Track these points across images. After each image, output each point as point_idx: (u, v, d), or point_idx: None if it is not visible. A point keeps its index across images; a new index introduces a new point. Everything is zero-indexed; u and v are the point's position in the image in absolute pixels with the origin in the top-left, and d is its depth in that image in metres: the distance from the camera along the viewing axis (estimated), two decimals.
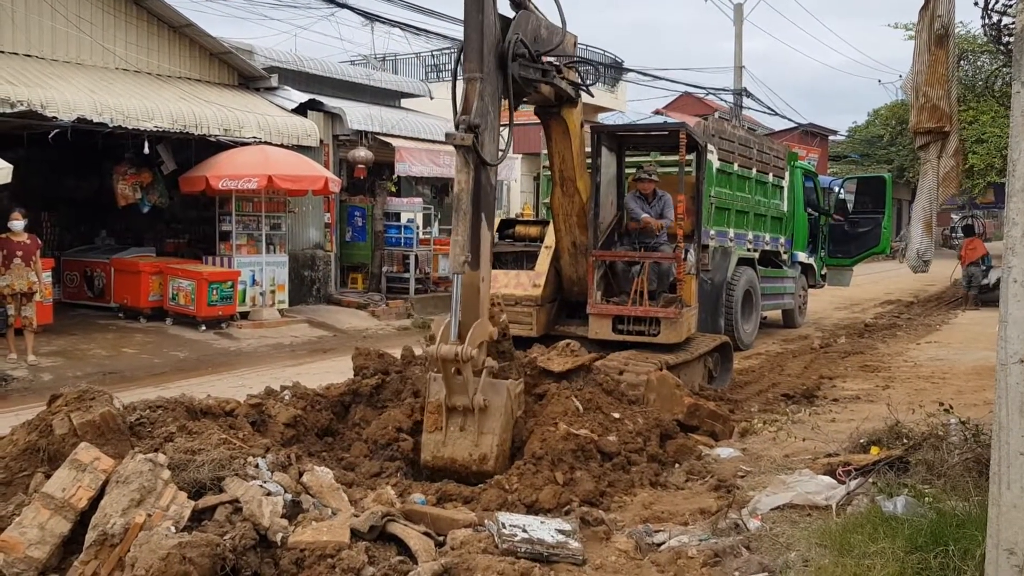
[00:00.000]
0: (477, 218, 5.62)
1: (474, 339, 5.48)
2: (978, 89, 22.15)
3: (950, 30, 5.76)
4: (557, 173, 8.04)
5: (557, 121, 7.69)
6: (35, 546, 3.86)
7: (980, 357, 11.14)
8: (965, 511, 4.25)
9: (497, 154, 5.95)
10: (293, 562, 3.96)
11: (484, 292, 5.73)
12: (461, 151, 5.60)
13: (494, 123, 5.89)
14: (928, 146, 5.86)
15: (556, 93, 7.29)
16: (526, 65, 6.35)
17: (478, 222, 5.63)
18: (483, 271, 5.71)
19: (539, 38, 6.59)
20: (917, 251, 6.07)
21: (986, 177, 29.65)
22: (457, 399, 5.62)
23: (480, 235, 5.65)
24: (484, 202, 5.73)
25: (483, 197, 5.71)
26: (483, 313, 5.71)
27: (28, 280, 10.78)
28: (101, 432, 4.71)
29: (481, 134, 5.59)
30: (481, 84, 5.70)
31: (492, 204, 5.99)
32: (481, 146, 5.61)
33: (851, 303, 19.39)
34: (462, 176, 5.63)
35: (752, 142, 13.12)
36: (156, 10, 14.61)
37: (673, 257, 8.37)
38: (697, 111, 35.47)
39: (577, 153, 7.91)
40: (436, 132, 17.92)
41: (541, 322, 8.56)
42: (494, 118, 5.89)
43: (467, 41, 5.80)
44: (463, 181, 5.62)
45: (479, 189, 5.66)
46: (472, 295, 5.65)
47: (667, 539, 4.68)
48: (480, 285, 5.68)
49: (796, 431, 7.18)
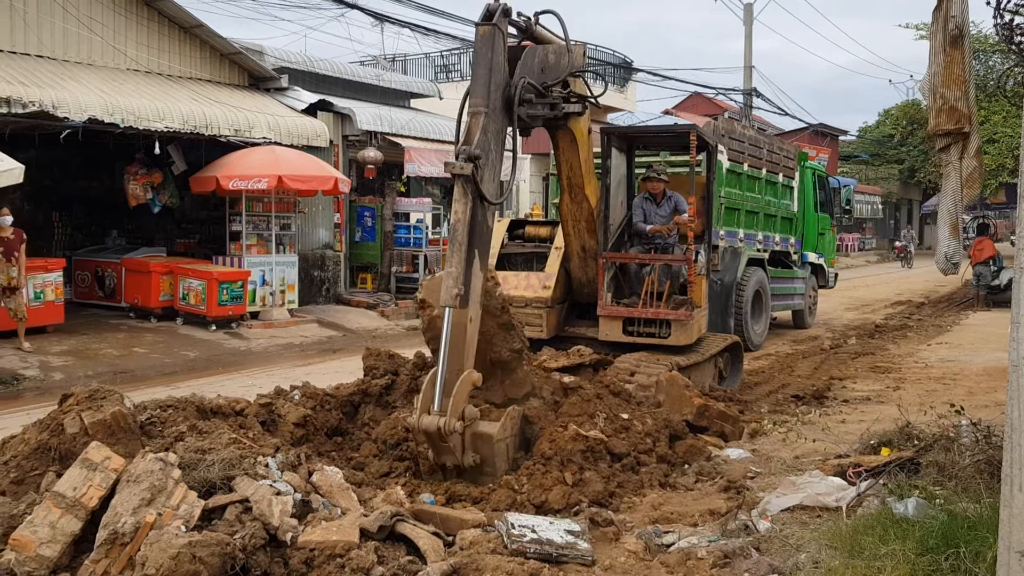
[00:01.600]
0: (471, 253, 5.50)
1: (457, 405, 5.28)
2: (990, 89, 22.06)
3: (964, 30, 5.72)
4: (565, 180, 8.02)
5: (564, 132, 7.66)
6: (46, 545, 3.87)
7: (991, 358, 11.08)
8: (976, 513, 4.23)
9: (497, 193, 5.88)
10: (303, 562, 3.97)
11: (471, 334, 5.55)
12: (460, 181, 5.52)
13: (495, 162, 5.82)
14: (949, 148, 5.83)
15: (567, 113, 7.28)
16: (533, 104, 6.33)
17: (472, 258, 5.50)
18: (471, 311, 5.53)
19: (547, 67, 6.54)
20: (945, 253, 6.04)
21: (998, 177, 29.57)
22: (447, 459, 5.50)
23: (471, 273, 5.50)
24: (479, 239, 5.59)
25: (478, 234, 5.58)
26: (469, 360, 5.52)
27: (8, 275, 10.97)
28: (112, 431, 4.73)
29: (481, 168, 5.51)
30: (485, 119, 5.67)
31: (487, 243, 5.83)
32: (480, 180, 5.52)
33: (861, 304, 19.33)
34: (459, 206, 5.54)
35: (762, 142, 13.08)
36: (167, 11, 14.66)
37: (684, 259, 8.35)
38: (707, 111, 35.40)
39: (585, 160, 7.87)
40: (445, 132, 17.94)
41: (551, 324, 8.55)
42: (496, 157, 5.82)
43: (475, 77, 5.79)
44: (460, 212, 5.53)
45: (475, 223, 5.55)
46: (459, 336, 5.46)
47: (676, 540, 4.67)
48: (468, 325, 5.49)
49: (806, 432, 7.15)
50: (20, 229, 11.37)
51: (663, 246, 8.87)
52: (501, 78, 5.87)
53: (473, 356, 5.60)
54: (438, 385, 5.32)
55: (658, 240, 8.93)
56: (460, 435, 5.34)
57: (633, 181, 9.67)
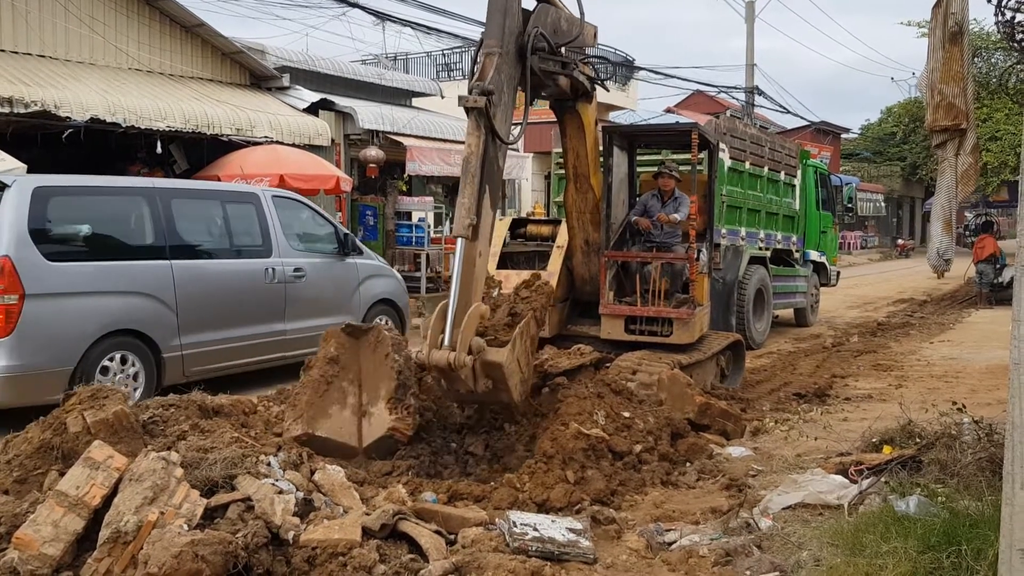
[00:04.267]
0: (483, 188, 5.58)
1: (465, 339, 5.38)
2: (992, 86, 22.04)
3: (964, 27, 5.74)
4: (571, 169, 8.05)
5: (572, 116, 7.71)
6: (49, 543, 3.88)
7: (994, 356, 11.07)
8: (978, 511, 4.24)
9: (509, 134, 5.93)
10: (305, 560, 3.98)
11: (480, 267, 5.68)
12: (473, 115, 5.59)
13: (508, 104, 5.88)
14: (945, 144, 5.85)
15: (572, 86, 7.31)
16: (545, 58, 6.37)
17: (483, 193, 5.59)
18: (481, 244, 5.66)
19: (559, 30, 6.60)
20: (938, 250, 6.06)
21: (1000, 175, 29.53)
22: (460, 388, 5.61)
23: (482, 208, 5.59)
24: (490, 177, 5.68)
25: (489, 171, 5.67)
26: (477, 293, 5.65)
27: None
28: (114, 430, 4.75)
29: (494, 105, 5.57)
30: (499, 59, 5.73)
31: (498, 181, 5.92)
32: (493, 116, 5.59)
33: (864, 302, 19.32)
34: (472, 139, 5.62)
35: (764, 140, 13.07)
36: (168, 10, 14.68)
37: (685, 257, 8.35)
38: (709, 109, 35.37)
39: (591, 149, 7.92)
40: (447, 131, 17.95)
41: (554, 322, 8.55)
42: (508, 99, 5.88)
43: (489, 19, 5.82)
44: (472, 145, 5.60)
45: (487, 159, 5.62)
46: (470, 272, 5.58)
47: (678, 538, 4.67)
48: (477, 259, 5.62)
49: (808, 430, 7.16)
50: None
51: (665, 244, 8.86)
52: (515, 24, 5.91)
53: (481, 291, 5.73)
54: (448, 319, 5.41)
55: (658, 238, 8.91)
56: (471, 367, 5.43)
57: (635, 180, 9.66)
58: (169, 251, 8.30)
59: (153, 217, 8.33)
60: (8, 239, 7.12)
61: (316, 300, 9.60)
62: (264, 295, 9.12)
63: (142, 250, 8.18)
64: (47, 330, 7.24)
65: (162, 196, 8.45)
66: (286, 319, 9.30)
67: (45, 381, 7.13)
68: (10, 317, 7.01)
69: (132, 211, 8.31)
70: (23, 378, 7.11)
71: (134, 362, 7.88)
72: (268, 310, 9.13)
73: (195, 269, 8.52)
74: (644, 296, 8.29)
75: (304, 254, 9.67)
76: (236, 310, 8.80)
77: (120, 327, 7.77)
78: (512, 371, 5.61)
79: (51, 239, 7.49)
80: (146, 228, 8.34)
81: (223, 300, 8.70)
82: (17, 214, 7.23)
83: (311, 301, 9.54)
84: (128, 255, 8.05)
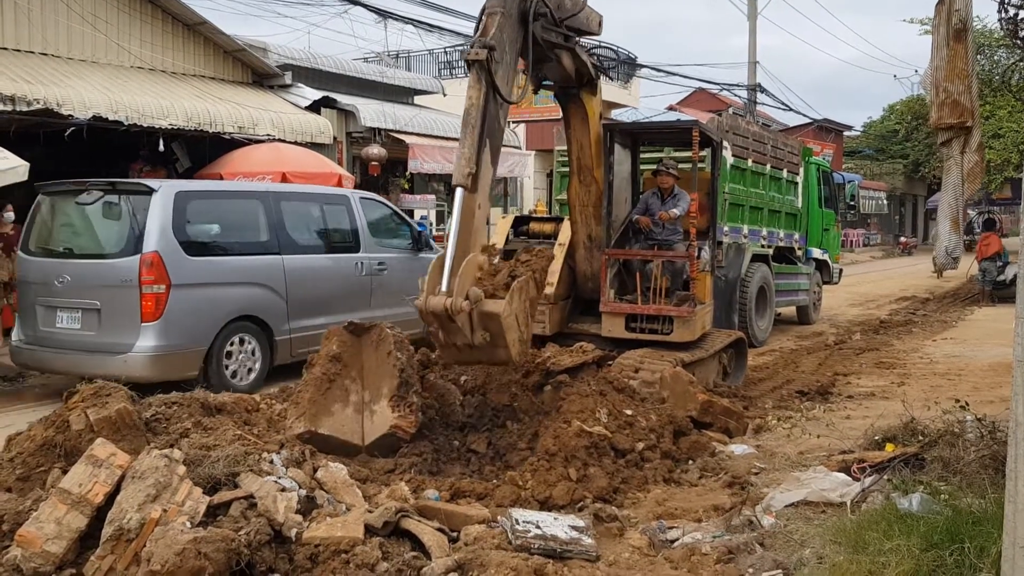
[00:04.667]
0: (483, 141, 5.64)
1: (464, 284, 5.40)
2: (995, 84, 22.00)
3: (968, 24, 5.72)
4: (575, 161, 8.06)
5: (576, 105, 7.74)
6: (52, 541, 3.89)
7: (997, 354, 11.06)
8: (981, 508, 4.23)
9: (511, 93, 5.98)
10: (307, 557, 3.98)
11: (479, 220, 5.74)
12: (475, 68, 5.68)
13: (509, 65, 5.96)
14: (951, 142, 5.82)
15: (577, 70, 7.34)
16: (548, 28, 6.41)
17: (483, 146, 5.65)
18: (480, 197, 5.72)
19: (562, 5, 6.70)
20: (945, 248, 6.04)
21: (1003, 172, 29.49)
22: (457, 339, 5.58)
23: (482, 161, 5.65)
24: (491, 132, 5.75)
25: (490, 127, 5.74)
26: (475, 244, 5.67)
27: (10, 270, 11.01)
28: (117, 428, 4.75)
29: (496, 62, 5.66)
30: (501, 19, 5.82)
31: (499, 138, 5.98)
32: (494, 73, 5.65)
33: (866, 299, 19.30)
34: (473, 92, 5.71)
35: (766, 138, 13.06)
36: (171, 8, 14.67)
37: (686, 255, 8.33)
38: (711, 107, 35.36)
39: (595, 142, 7.94)
40: (449, 129, 17.94)
41: (555, 320, 8.55)
42: (510, 60, 5.97)
43: None
44: (474, 97, 5.70)
45: (487, 114, 5.69)
46: (468, 222, 5.62)
47: (681, 536, 4.67)
48: (476, 211, 5.68)
49: (810, 428, 7.14)
50: (19, 225, 11.41)
51: (666, 243, 8.85)
52: None
53: (481, 241, 5.79)
54: (446, 267, 5.45)
55: (659, 236, 8.91)
56: (468, 315, 5.44)
57: (638, 178, 9.65)
58: (280, 247, 9.40)
59: (267, 217, 9.45)
60: (156, 237, 8.23)
61: (396, 290, 10.51)
62: (355, 285, 10.17)
63: (259, 246, 9.29)
64: (187, 315, 8.34)
65: (274, 199, 9.61)
66: (372, 307, 10.20)
67: (185, 359, 8.37)
68: (159, 304, 8.16)
69: (251, 212, 9.45)
70: (168, 356, 8.24)
71: (253, 344, 9.01)
72: (358, 299, 10.16)
73: (301, 263, 9.58)
74: (645, 294, 8.29)
75: (385, 250, 10.71)
76: (333, 299, 9.81)
77: (242, 313, 8.91)
78: (510, 324, 5.57)
79: (189, 237, 8.59)
80: (261, 227, 9.42)
81: (323, 290, 9.76)
82: (163, 215, 8.32)
83: (392, 291, 10.50)
84: (248, 251, 9.17)
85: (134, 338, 8.12)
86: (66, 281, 8.46)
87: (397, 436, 5.63)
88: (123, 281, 8.19)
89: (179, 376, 8.21)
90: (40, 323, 8.71)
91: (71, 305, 8.46)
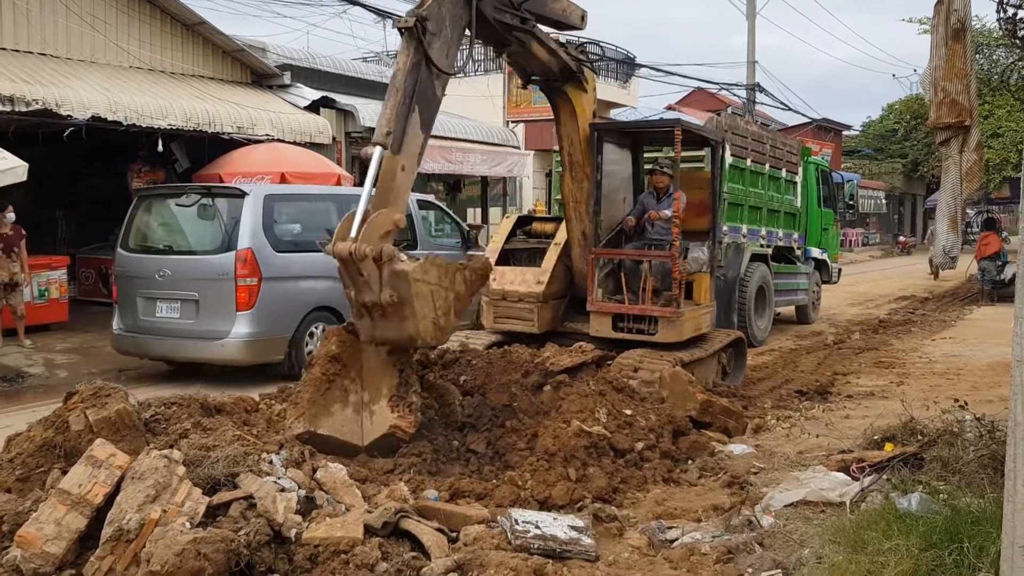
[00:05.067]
0: (410, 108, 5.71)
1: (371, 233, 5.38)
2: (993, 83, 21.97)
3: (967, 24, 5.71)
4: (566, 157, 8.10)
5: (564, 101, 7.77)
6: (52, 541, 3.89)
7: (996, 353, 11.07)
8: (980, 508, 4.23)
9: (446, 66, 6.02)
10: (307, 558, 3.98)
11: (400, 182, 5.75)
12: (405, 36, 5.76)
13: (451, 40, 6.01)
14: (949, 141, 5.81)
15: (559, 63, 7.35)
16: (501, 9, 6.44)
17: (410, 112, 5.71)
18: (404, 159, 5.75)
19: None
20: (943, 247, 6.03)
21: (1001, 172, 29.45)
22: (366, 296, 5.51)
23: (408, 128, 5.71)
24: (423, 100, 5.80)
25: (422, 95, 5.79)
26: (393, 204, 5.66)
27: (10, 271, 11.04)
28: (117, 428, 4.74)
29: (430, 33, 5.72)
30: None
31: (433, 108, 6.03)
32: (428, 45, 5.73)
33: (865, 299, 19.30)
34: (401, 58, 5.81)
35: (765, 137, 13.06)
36: (169, 8, 14.67)
37: (668, 255, 8.25)
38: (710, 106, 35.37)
39: (585, 138, 7.96)
40: (448, 129, 17.95)
41: (544, 319, 8.59)
42: (452, 35, 6.02)
43: None
44: (400, 63, 5.80)
45: (419, 82, 5.76)
46: (387, 182, 5.65)
47: (680, 536, 4.68)
48: (399, 173, 5.71)
49: (810, 427, 7.15)
50: (19, 225, 11.42)
51: (660, 242, 8.83)
52: None
53: (404, 203, 5.82)
54: (357, 216, 5.49)
55: (652, 235, 8.88)
56: (377, 270, 5.39)
57: (641, 178, 9.64)
58: None
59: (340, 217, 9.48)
60: (249, 235, 9.23)
61: None
62: None
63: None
64: (275, 305, 9.30)
65: (345, 201, 10.07)
66: None
67: (273, 345, 9.33)
68: (252, 295, 9.15)
69: (325, 212, 10.19)
70: (259, 342, 9.22)
71: None
72: None
73: None
74: (635, 294, 8.29)
75: (438, 247, 11.20)
76: None
77: (321, 304, 9.74)
78: (420, 292, 5.44)
79: (276, 235, 9.57)
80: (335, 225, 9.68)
81: None
82: (254, 216, 9.32)
83: None
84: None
85: (230, 325, 9.13)
86: (166, 275, 9.45)
87: (396, 436, 5.62)
88: (220, 275, 9.17)
89: (268, 359, 9.36)
90: (140, 313, 9.66)
91: (171, 296, 9.46)
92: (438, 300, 5.61)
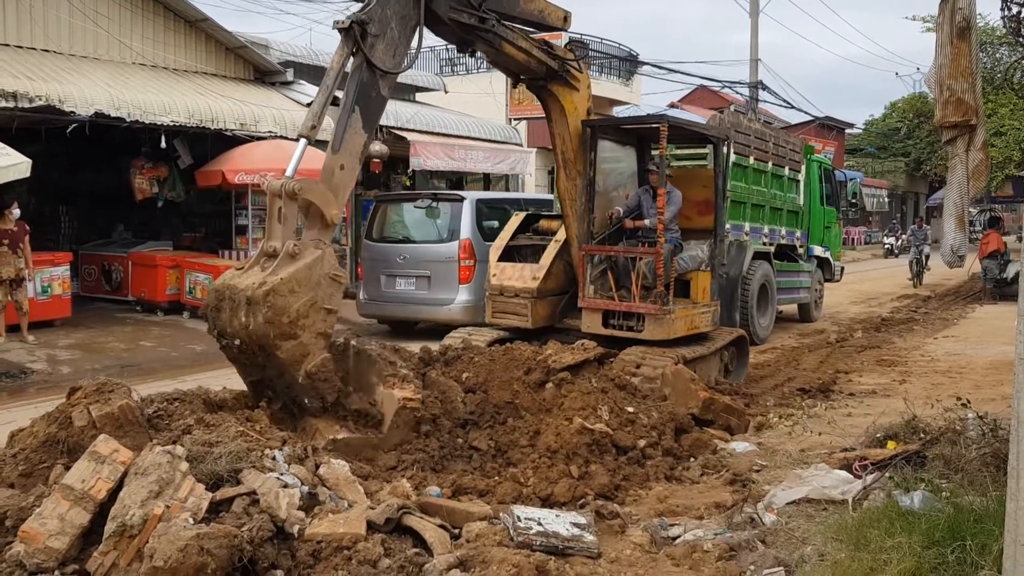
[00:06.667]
0: (351, 108, 5.85)
1: (306, 185, 5.60)
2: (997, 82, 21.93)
3: (972, 22, 5.69)
4: (559, 154, 8.12)
5: (551, 99, 7.81)
6: (55, 537, 3.89)
7: (998, 351, 11.06)
8: (983, 506, 4.23)
9: (395, 65, 6.10)
10: (310, 554, 3.98)
11: (340, 180, 5.95)
12: (342, 35, 5.86)
13: (396, 40, 6.08)
14: (955, 140, 5.79)
15: (539, 65, 7.37)
16: (459, 9, 6.46)
17: (351, 112, 5.86)
18: (344, 158, 5.91)
19: None
20: (951, 246, 6.01)
21: (1004, 170, 29.41)
22: (274, 242, 5.63)
23: (348, 127, 5.86)
24: (363, 100, 5.92)
25: (363, 95, 5.92)
26: (331, 202, 5.80)
27: (15, 267, 11.05)
28: (120, 424, 4.75)
29: (371, 35, 5.81)
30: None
31: (375, 108, 6.13)
32: (371, 48, 5.83)
33: (867, 297, 19.29)
34: (336, 57, 5.94)
35: (768, 135, 13.05)
36: (172, 5, 14.67)
37: (653, 252, 8.22)
38: (713, 104, 35.33)
39: (575, 136, 7.99)
40: (451, 126, 17.95)
41: (538, 315, 8.65)
42: (398, 36, 6.08)
43: None
44: (334, 61, 5.93)
45: (360, 83, 5.88)
46: (328, 177, 5.84)
47: (682, 533, 4.68)
48: (337, 171, 5.90)
49: (812, 425, 7.15)
50: (23, 221, 11.43)
51: (653, 240, 8.80)
52: None
53: (343, 202, 6.04)
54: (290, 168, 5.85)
55: (646, 233, 8.87)
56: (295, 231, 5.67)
57: (645, 178, 9.63)
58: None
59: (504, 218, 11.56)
60: (468, 229, 12.36)
61: None
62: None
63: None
64: (481, 282, 11.08)
65: (527, 206, 12.49)
66: None
67: (479, 310, 10.72)
68: (470, 273, 12.28)
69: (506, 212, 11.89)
70: (474, 307, 11.76)
71: None
72: None
73: None
74: (627, 291, 8.30)
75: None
76: None
77: None
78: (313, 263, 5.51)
79: (482, 229, 12.44)
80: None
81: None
82: (470, 214, 12.44)
83: None
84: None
85: (454, 295, 12.30)
86: (405, 259, 12.72)
87: (409, 408, 5.66)
88: (447, 258, 12.34)
89: (475, 321, 10.94)
90: (382, 287, 12.87)
91: (408, 274, 12.67)
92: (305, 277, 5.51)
